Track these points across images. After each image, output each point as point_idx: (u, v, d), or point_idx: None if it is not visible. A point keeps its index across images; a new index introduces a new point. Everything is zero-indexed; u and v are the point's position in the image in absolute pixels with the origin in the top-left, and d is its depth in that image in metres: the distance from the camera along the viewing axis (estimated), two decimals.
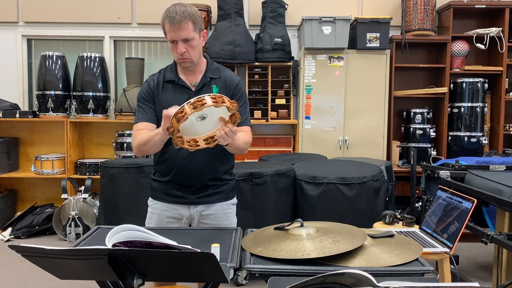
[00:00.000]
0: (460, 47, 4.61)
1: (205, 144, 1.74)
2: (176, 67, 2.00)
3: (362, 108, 4.55)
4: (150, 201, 2.08)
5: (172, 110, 1.67)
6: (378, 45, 4.46)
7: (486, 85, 4.61)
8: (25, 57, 5.06)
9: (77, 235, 4.28)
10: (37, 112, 4.72)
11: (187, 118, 1.57)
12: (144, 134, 1.89)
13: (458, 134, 4.62)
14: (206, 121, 1.68)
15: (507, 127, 4.77)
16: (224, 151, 1.98)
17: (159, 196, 2.04)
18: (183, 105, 1.57)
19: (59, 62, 4.65)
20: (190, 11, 1.84)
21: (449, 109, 4.66)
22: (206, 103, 1.56)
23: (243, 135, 1.92)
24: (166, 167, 1.99)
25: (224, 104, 1.60)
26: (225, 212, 2.04)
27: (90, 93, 4.63)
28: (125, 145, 4.65)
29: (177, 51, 1.86)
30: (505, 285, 2.51)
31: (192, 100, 1.58)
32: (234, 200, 2.11)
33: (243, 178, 3.11)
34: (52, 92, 4.60)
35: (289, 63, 4.68)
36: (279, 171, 3.19)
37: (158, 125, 1.91)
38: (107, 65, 4.83)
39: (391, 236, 1.67)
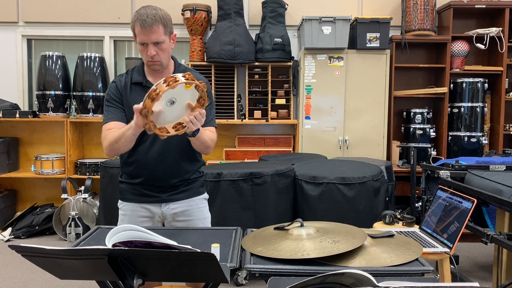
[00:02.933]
0: (460, 47, 4.61)
1: (175, 131, 1.74)
2: (143, 69, 1.99)
3: (362, 108, 4.55)
4: (120, 203, 2.07)
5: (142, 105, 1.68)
6: (378, 45, 4.46)
7: (486, 85, 4.61)
8: (25, 57, 5.06)
9: (77, 235, 4.28)
10: (37, 112, 4.72)
11: (161, 96, 1.59)
12: (115, 132, 1.85)
13: (458, 134, 4.62)
14: (175, 106, 1.69)
15: (507, 127, 4.77)
16: (193, 151, 1.98)
17: (128, 197, 2.03)
18: (156, 84, 1.59)
19: (59, 62, 4.65)
20: (161, 15, 1.84)
21: (449, 109, 4.66)
22: (178, 80, 1.60)
23: (209, 133, 1.94)
24: (134, 169, 1.99)
25: (195, 82, 1.64)
26: (198, 207, 2.05)
27: (90, 93, 4.63)
28: None
29: (147, 53, 1.86)
30: (505, 285, 2.51)
31: (163, 79, 1.60)
32: (205, 195, 2.12)
33: (243, 178, 3.11)
34: (52, 92, 4.60)
35: (289, 63, 4.68)
36: (279, 171, 3.19)
37: None
38: (107, 65, 4.83)
39: (391, 236, 1.67)
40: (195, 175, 2.06)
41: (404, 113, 4.77)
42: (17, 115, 4.65)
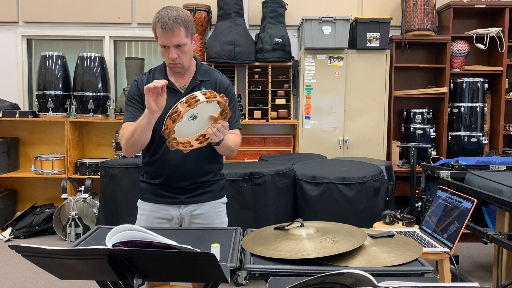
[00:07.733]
0: (460, 47, 4.61)
1: (198, 143, 1.73)
2: (165, 69, 1.98)
3: (362, 108, 4.55)
4: (140, 202, 2.07)
5: (154, 83, 1.64)
6: (378, 45, 4.46)
7: (486, 85, 4.61)
8: (25, 57, 5.06)
9: (77, 235, 4.28)
10: (37, 112, 4.72)
11: (182, 117, 1.57)
12: (130, 127, 1.85)
13: (458, 134, 4.62)
14: (197, 120, 1.67)
15: (507, 127, 4.76)
16: (214, 153, 1.97)
17: (148, 197, 2.03)
18: (176, 105, 1.57)
19: (59, 62, 4.65)
20: (183, 16, 1.80)
21: (449, 109, 4.65)
22: (199, 100, 1.57)
23: (233, 136, 1.92)
24: (155, 169, 1.99)
25: (216, 98, 1.61)
26: (216, 211, 2.04)
27: (90, 93, 4.63)
28: None
29: (169, 56, 1.84)
30: (505, 285, 2.51)
31: (184, 98, 1.58)
32: (224, 199, 2.11)
33: (243, 178, 3.11)
34: (52, 92, 4.60)
35: (289, 63, 4.67)
36: (279, 171, 3.19)
37: None
38: (107, 65, 4.83)
39: (391, 236, 1.67)
40: (215, 177, 2.05)
41: (404, 113, 4.77)
42: (17, 115, 4.65)
